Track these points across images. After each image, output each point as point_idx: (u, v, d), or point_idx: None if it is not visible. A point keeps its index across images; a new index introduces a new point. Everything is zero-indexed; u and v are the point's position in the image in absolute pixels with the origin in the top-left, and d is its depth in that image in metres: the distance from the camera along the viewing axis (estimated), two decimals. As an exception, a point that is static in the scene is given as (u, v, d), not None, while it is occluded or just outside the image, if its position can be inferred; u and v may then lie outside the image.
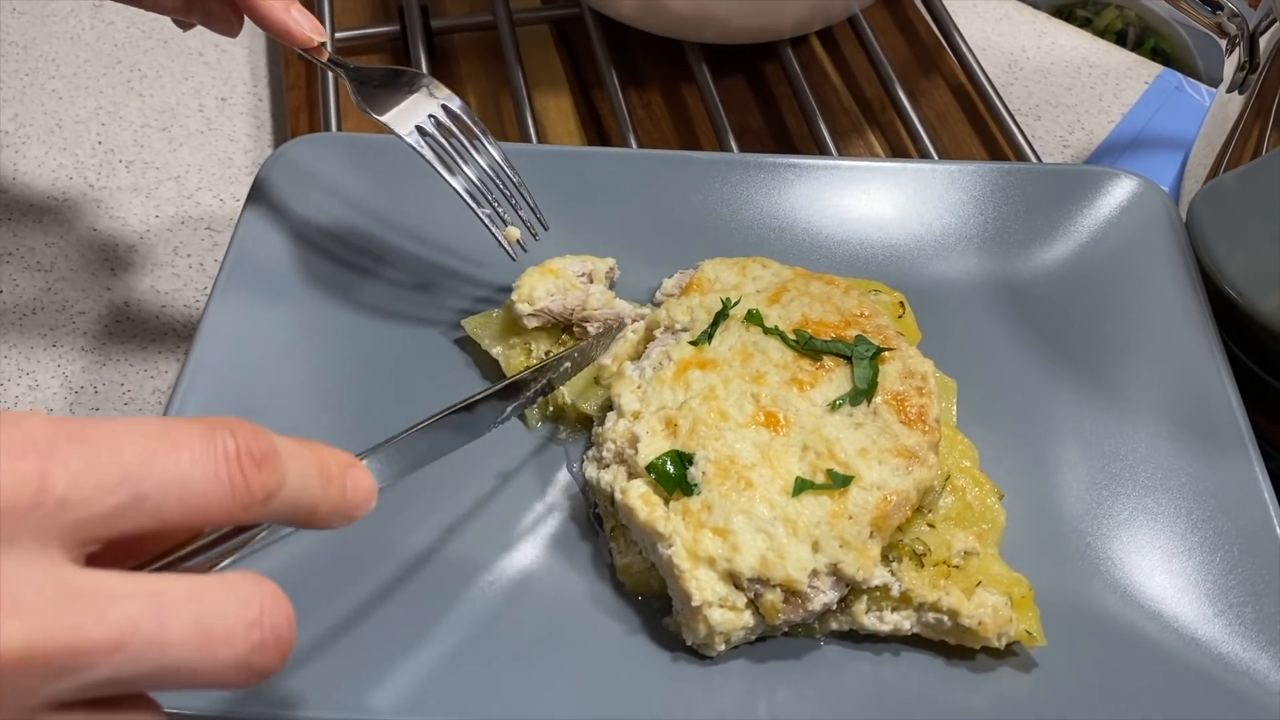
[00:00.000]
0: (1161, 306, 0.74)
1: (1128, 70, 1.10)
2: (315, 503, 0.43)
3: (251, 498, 0.39)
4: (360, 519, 0.46)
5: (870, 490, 0.60)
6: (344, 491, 0.44)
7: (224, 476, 0.38)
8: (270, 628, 0.39)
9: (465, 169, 0.69)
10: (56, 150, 0.99)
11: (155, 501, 0.37)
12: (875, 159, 0.95)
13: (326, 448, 0.44)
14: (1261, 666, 0.59)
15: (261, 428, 0.41)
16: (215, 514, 0.38)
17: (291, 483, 0.41)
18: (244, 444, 0.39)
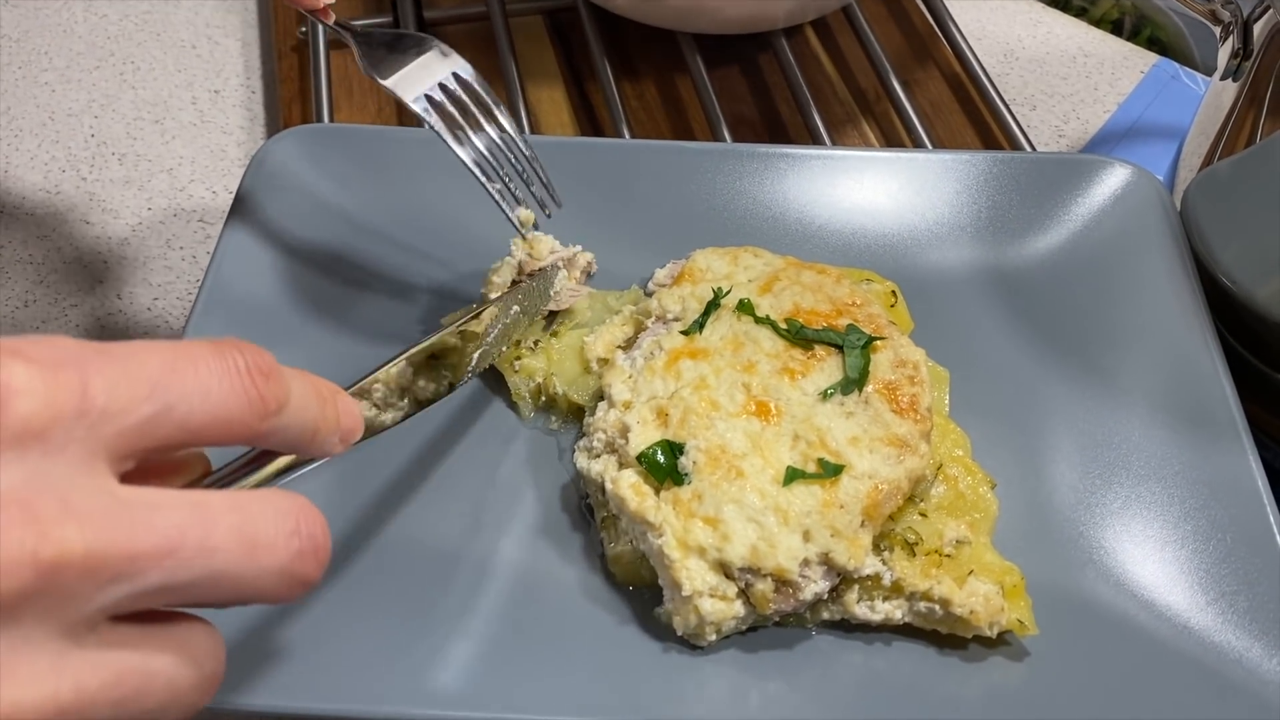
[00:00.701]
0: (1155, 295, 0.74)
1: (1123, 59, 1.09)
2: (316, 423, 0.44)
3: (266, 407, 0.40)
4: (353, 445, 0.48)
5: (861, 479, 0.60)
6: (337, 414, 0.46)
7: (239, 387, 0.39)
8: (308, 535, 0.40)
9: (475, 141, 0.66)
10: (49, 143, 0.99)
11: (183, 411, 0.38)
12: (868, 148, 0.94)
13: (314, 376, 0.46)
14: (1254, 655, 0.59)
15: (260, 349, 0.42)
16: (236, 423, 0.40)
17: (295, 399, 0.42)
18: (251, 359, 0.40)
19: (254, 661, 0.57)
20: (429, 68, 0.66)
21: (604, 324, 0.72)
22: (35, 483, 0.34)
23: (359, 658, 0.58)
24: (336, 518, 0.63)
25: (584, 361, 0.70)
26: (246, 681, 0.57)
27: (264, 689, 0.56)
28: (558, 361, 0.71)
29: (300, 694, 0.57)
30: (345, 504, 0.64)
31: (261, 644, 0.58)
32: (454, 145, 0.65)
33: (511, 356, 0.70)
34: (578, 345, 0.71)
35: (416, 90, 0.65)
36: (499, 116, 0.67)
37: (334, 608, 0.60)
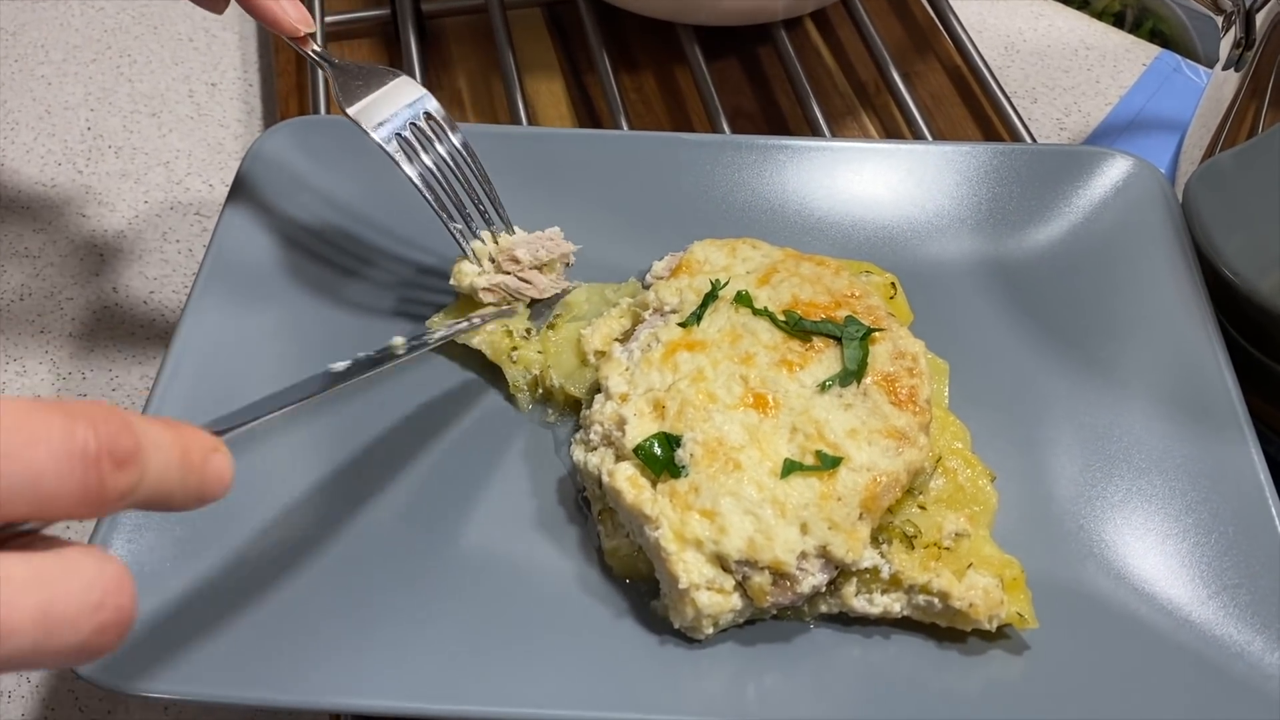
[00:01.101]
0: (1157, 287, 0.73)
1: (1125, 52, 1.09)
2: (171, 494, 0.41)
3: (104, 499, 0.38)
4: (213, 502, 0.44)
5: (860, 472, 0.59)
6: (202, 480, 0.42)
7: (78, 477, 0.37)
8: (114, 609, 0.38)
9: (439, 180, 0.68)
10: (45, 136, 0.99)
11: (4, 499, 0.36)
12: (867, 140, 0.94)
13: (191, 431, 0.43)
14: (1256, 649, 0.58)
15: (127, 418, 0.39)
16: (62, 512, 0.37)
17: (151, 478, 0.39)
18: (106, 442, 0.37)
19: (246, 655, 0.57)
20: (401, 108, 0.68)
21: (601, 316, 0.72)
22: None
23: (351, 650, 0.58)
24: (330, 509, 0.63)
25: (581, 354, 0.70)
26: (236, 675, 0.56)
27: (254, 682, 0.56)
28: (554, 354, 0.70)
29: (293, 688, 0.56)
30: (338, 496, 0.64)
31: (253, 638, 0.58)
32: (420, 187, 0.67)
33: (508, 348, 0.70)
34: (574, 338, 0.71)
35: (388, 130, 0.67)
36: (467, 157, 0.70)
37: (327, 600, 0.60)
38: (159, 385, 0.66)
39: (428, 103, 0.69)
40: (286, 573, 0.60)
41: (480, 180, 0.70)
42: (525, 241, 0.72)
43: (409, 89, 0.69)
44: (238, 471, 0.44)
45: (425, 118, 0.69)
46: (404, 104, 0.68)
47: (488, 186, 0.71)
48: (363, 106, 0.67)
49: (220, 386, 0.67)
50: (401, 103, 0.68)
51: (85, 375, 0.82)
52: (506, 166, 0.78)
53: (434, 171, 0.68)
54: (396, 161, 0.67)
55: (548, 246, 0.72)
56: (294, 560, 0.61)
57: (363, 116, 0.67)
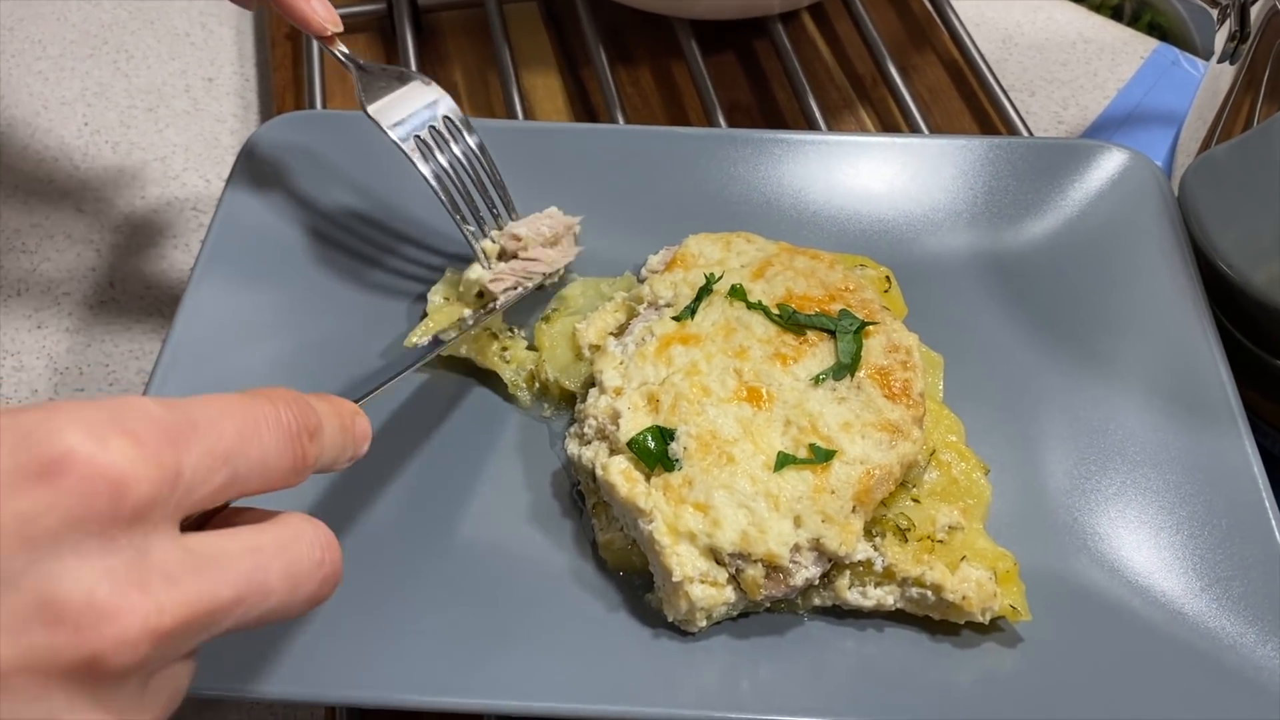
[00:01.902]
0: (1152, 280, 0.73)
1: (1123, 45, 1.08)
2: (338, 455, 0.49)
3: (305, 467, 0.45)
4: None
5: (853, 465, 0.59)
6: (354, 441, 0.50)
7: (288, 452, 0.44)
8: (331, 563, 0.45)
9: (454, 181, 0.70)
10: (42, 132, 0.99)
11: (244, 476, 0.42)
12: (863, 133, 0.94)
13: (339, 400, 0.50)
14: (1249, 641, 0.59)
15: (306, 398, 0.46)
16: (280, 482, 0.44)
17: (327, 445, 0.47)
18: (301, 419, 0.45)
19: (241, 649, 0.57)
20: (421, 109, 0.70)
21: (596, 310, 0.72)
22: (141, 561, 0.38)
23: (346, 644, 0.58)
24: (325, 504, 0.63)
25: (576, 348, 0.70)
26: (231, 670, 0.56)
27: (249, 676, 0.56)
28: (550, 348, 0.70)
29: (288, 681, 0.56)
30: (334, 490, 0.64)
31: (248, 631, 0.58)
32: (437, 189, 0.68)
33: (497, 349, 0.70)
34: (570, 331, 0.71)
35: (403, 127, 0.69)
36: (485, 161, 0.72)
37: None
38: (156, 376, 0.66)
39: (445, 104, 0.70)
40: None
41: (494, 182, 0.72)
42: (525, 222, 0.73)
43: (427, 90, 0.70)
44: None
45: (443, 120, 0.70)
46: (422, 105, 0.70)
47: (501, 190, 0.72)
48: (382, 105, 0.69)
49: (215, 375, 0.67)
50: (420, 103, 0.70)
51: (83, 370, 0.83)
52: (502, 160, 0.78)
53: (449, 172, 0.69)
54: (413, 161, 0.68)
55: (548, 223, 0.73)
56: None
57: (381, 115, 0.68)
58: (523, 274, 0.72)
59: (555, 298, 0.74)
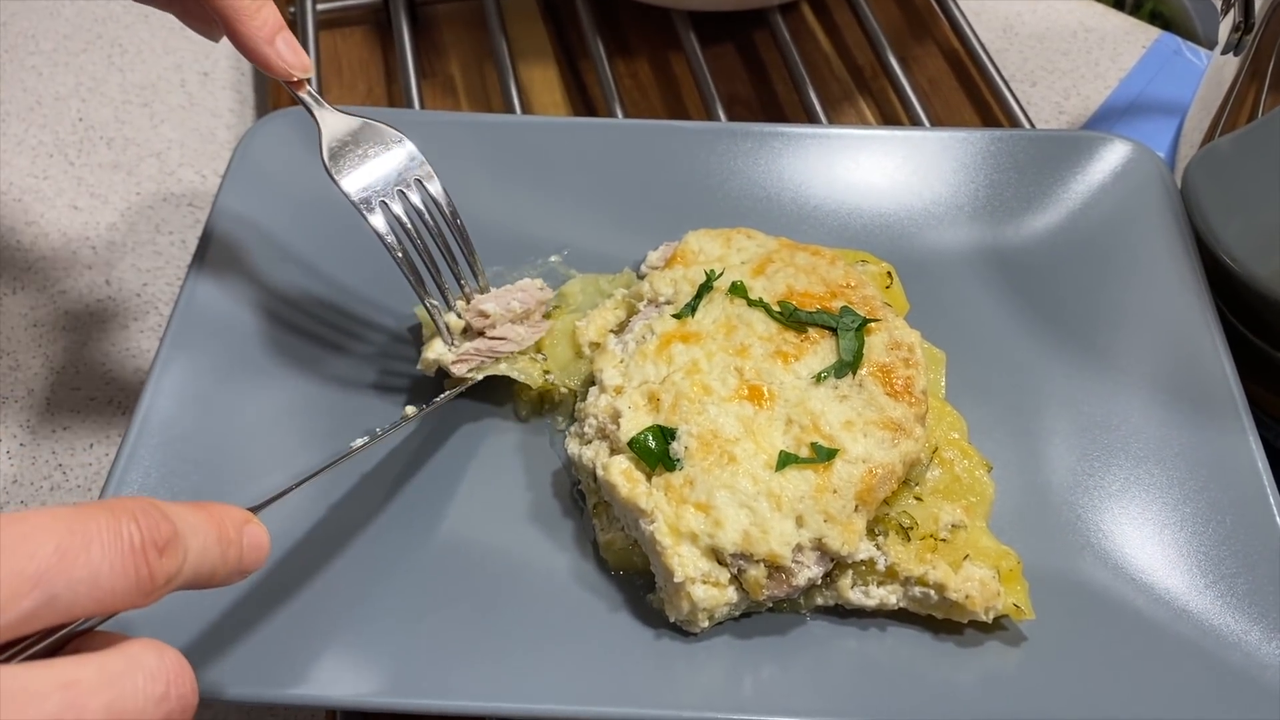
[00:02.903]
0: (1155, 274, 0.72)
1: (1125, 34, 1.08)
2: (214, 570, 0.45)
3: (154, 584, 0.41)
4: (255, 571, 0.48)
5: (855, 463, 0.59)
6: (240, 553, 0.46)
7: (130, 569, 0.40)
8: (177, 698, 0.41)
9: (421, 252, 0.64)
10: (36, 127, 0.98)
11: (66, 600, 0.38)
12: (863, 126, 0.93)
13: (223, 508, 0.46)
14: (1254, 639, 0.58)
15: (163, 508, 0.42)
16: (120, 603, 0.40)
17: (192, 559, 0.43)
18: (148, 532, 0.40)
19: (240, 651, 0.57)
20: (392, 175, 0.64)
21: (596, 308, 0.71)
22: None
23: (345, 646, 0.58)
24: (322, 505, 0.63)
25: (576, 346, 0.70)
26: (230, 672, 0.56)
27: (248, 678, 0.56)
28: (550, 346, 0.70)
29: (288, 684, 0.56)
30: (331, 491, 0.64)
31: (248, 634, 0.58)
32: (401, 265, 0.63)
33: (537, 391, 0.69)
34: (570, 329, 0.70)
35: (374, 202, 0.63)
36: (454, 234, 0.66)
37: (321, 596, 0.60)
38: (154, 370, 0.66)
39: (416, 166, 0.65)
40: (279, 570, 0.60)
41: (464, 249, 0.66)
42: (494, 296, 0.68)
43: (399, 151, 0.65)
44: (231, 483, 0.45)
45: (414, 182, 0.65)
46: (392, 168, 0.64)
47: (471, 258, 0.67)
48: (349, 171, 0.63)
49: (214, 373, 0.67)
50: (390, 166, 0.64)
51: (79, 370, 0.82)
52: (499, 156, 0.78)
53: (414, 240, 0.64)
54: (375, 230, 0.62)
55: (519, 298, 0.69)
56: (287, 558, 0.61)
57: (360, 196, 0.63)
58: (488, 353, 0.67)
59: (555, 295, 0.73)
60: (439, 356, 0.66)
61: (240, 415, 0.67)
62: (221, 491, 0.63)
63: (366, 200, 0.63)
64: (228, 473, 0.64)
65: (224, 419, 0.66)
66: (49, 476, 0.77)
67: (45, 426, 0.79)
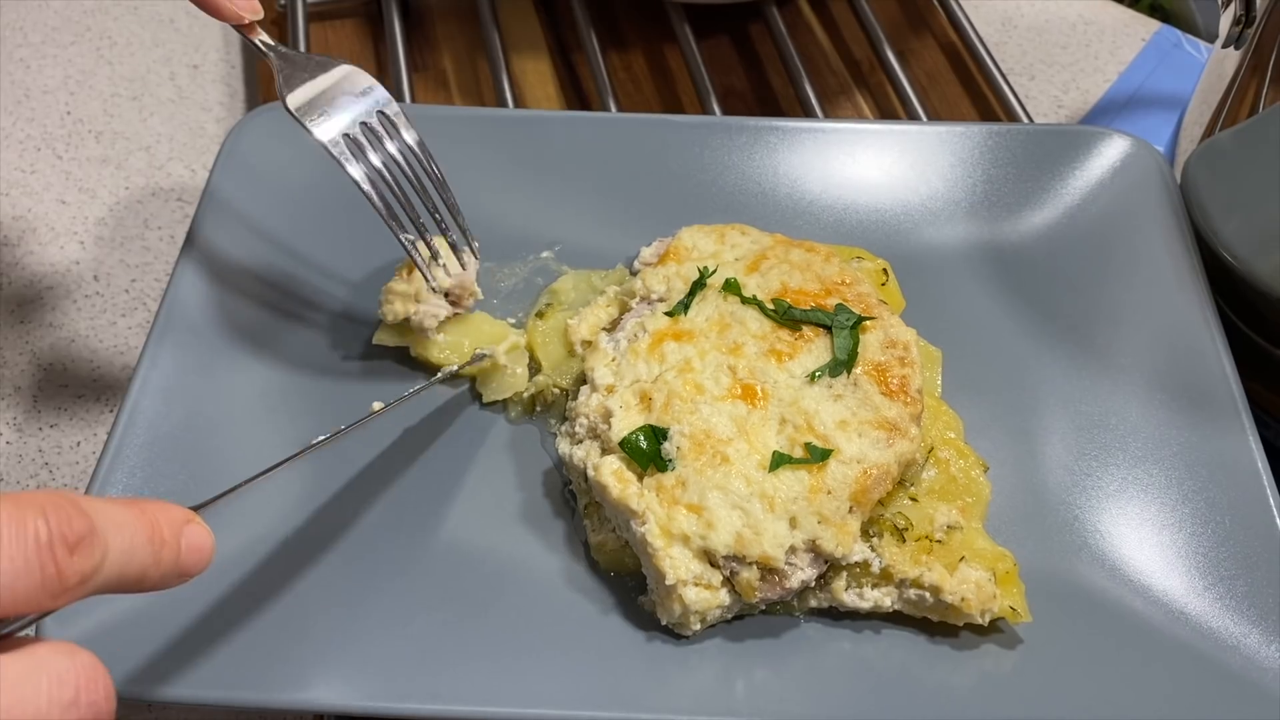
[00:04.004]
0: (1154, 271, 0.72)
1: (1124, 27, 1.07)
2: (144, 571, 0.41)
3: (63, 585, 0.37)
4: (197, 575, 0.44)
5: (850, 464, 0.58)
6: (177, 555, 0.42)
7: (35, 566, 0.36)
8: (88, 704, 0.38)
9: (392, 188, 0.61)
10: (24, 121, 0.97)
11: None
12: (859, 120, 0.92)
13: (159, 507, 0.43)
14: (1252, 641, 0.58)
15: (79, 502, 0.39)
16: (24, 604, 0.37)
17: (114, 558, 0.39)
18: (57, 527, 0.37)
19: (229, 656, 0.56)
20: (351, 104, 0.62)
21: (588, 304, 0.70)
22: None
23: (334, 650, 0.57)
24: (311, 507, 0.62)
25: (568, 344, 0.69)
26: (220, 677, 0.55)
27: (237, 683, 0.55)
28: (542, 344, 0.69)
29: (276, 688, 0.55)
30: (320, 491, 0.63)
31: (237, 638, 0.57)
32: (369, 193, 0.61)
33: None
34: (562, 327, 0.70)
35: (335, 131, 0.60)
36: (422, 158, 0.63)
37: (310, 600, 0.59)
38: (140, 367, 0.65)
39: (379, 95, 0.62)
40: (268, 574, 0.59)
41: (435, 183, 0.63)
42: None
43: (359, 81, 0.62)
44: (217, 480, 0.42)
45: (378, 115, 0.62)
46: (353, 98, 0.62)
47: (444, 191, 0.64)
48: (304, 98, 0.61)
49: (200, 370, 0.66)
50: (350, 97, 0.62)
51: (66, 367, 0.81)
52: (491, 150, 0.77)
53: (383, 175, 0.61)
54: (341, 164, 0.60)
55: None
56: (276, 561, 0.60)
57: (305, 112, 0.60)
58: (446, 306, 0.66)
59: (547, 291, 0.72)
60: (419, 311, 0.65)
61: (227, 412, 0.66)
62: (208, 489, 0.62)
63: (331, 135, 0.60)
64: (214, 470, 0.63)
65: (211, 416, 0.65)
66: (35, 475, 0.76)
67: (32, 424, 0.78)
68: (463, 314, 0.68)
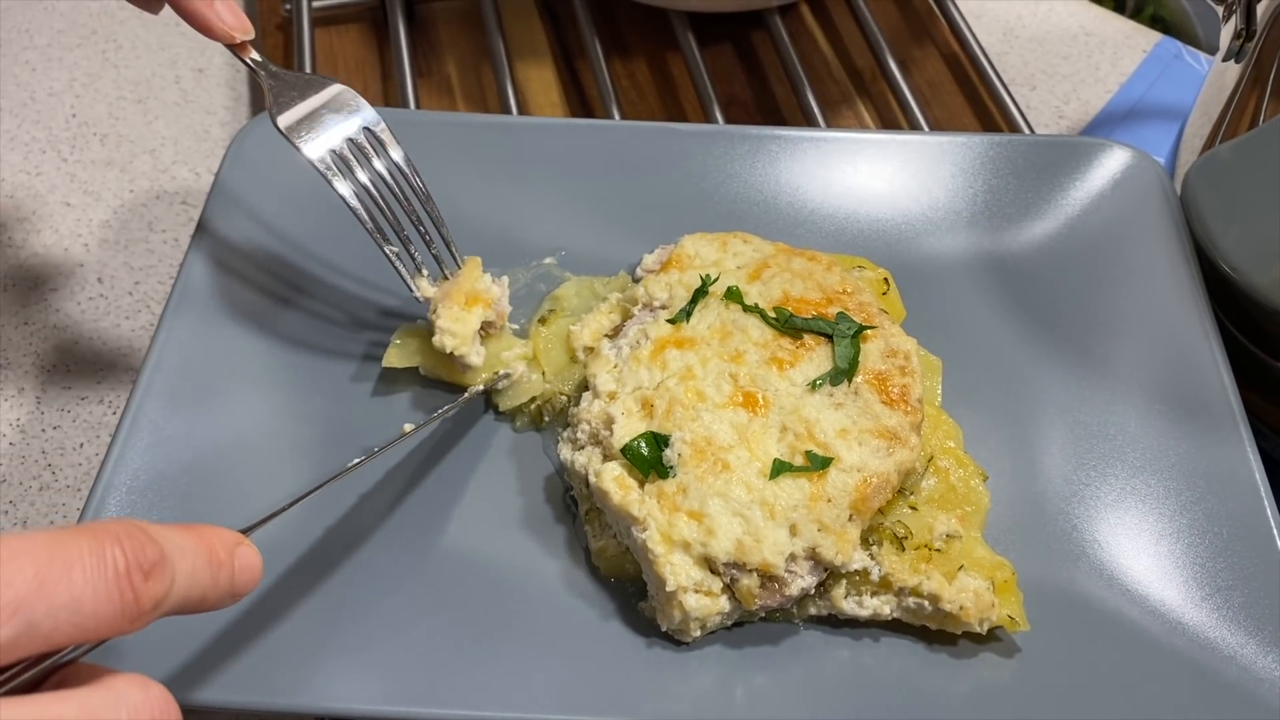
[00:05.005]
0: (1154, 282, 0.72)
1: (1126, 38, 1.07)
2: (204, 594, 0.44)
3: (140, 609, 0.39)
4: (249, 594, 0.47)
5: (850, 472, 0.59)
6: (232, 575, 0.45)
7: (114, 594, 0.38)
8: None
9: (378, 202, 0.63)
10: (29, 123, 0.97)
11: (47, 628, 0.37)
12: (862, 130, 0.92)
13: (213, 531, 0.45)
14: (1249, 652, 0.58)
15: (149, 530, 0.41)
16: (105, 630, 0.39)
17: (180, 582, 0.42)
18: (133, 555, 0.39)
19: (231, 659, 0.56)
20: (338, 122, 0.64)
21: (590, 311, 0.71)
22: None
23: (335, 654, 0.57)
24: (311, 514, 0.62)
25: (570, 350, 0.69)
26: (223, 679, 0.56)
27: (240, 686, 0.56)
28: (544, 350, 0.69)
29: (278, 691, 0.56)
30: (321, 499, 0.63)
31: (239, 642, 0.57)
32: (354, 206, 0.62)
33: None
34: (564, 334, 0.70)
35: (322, 148, 0.63)
36: (407, 174, 0.65)
37: (311, 604, 0.59)
38: (144, 370, 0.66)
39: (366, 114, 0.64)
40: (274, 580, 0.60)
41: (420, 198, 0.65)
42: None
43: (349, 101, 0.64)
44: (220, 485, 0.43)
45: (363, 131, 0.64)
46: (342, 117, 0.64)
47: (429, 206, 0.65)
48: (296, 119, 0.63)
49: (205, 374, 0.67)
50: (339, 116, 0.64)
51: (69, 368, 0.81)
52: (495, 156, 0.77)
53: (369, 190, 0.63)
54: (329, 180, 0.62)
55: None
56: (279, 565, 0.60)
57: (295, 130, 0.63)
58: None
59: (549, 298, 0.72)
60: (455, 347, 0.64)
61: (231, 417, 0.66)
62: (211, 495, 0.63)
63: (319, 153, 0.62)
64: (217, 476, 0.63)
65: (215, 421, 0.66)
66: (38, 476, 0.76)
67: (35, 425, 0.78)
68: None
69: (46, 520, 0.74)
